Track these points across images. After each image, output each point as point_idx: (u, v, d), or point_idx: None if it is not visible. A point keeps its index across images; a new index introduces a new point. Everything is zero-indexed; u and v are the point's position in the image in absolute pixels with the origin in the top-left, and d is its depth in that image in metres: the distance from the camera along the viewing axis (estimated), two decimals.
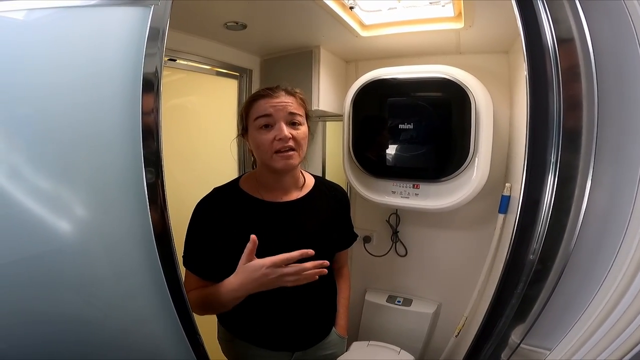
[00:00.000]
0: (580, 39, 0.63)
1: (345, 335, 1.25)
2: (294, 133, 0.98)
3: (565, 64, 0.64)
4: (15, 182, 0.71)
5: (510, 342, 0.76)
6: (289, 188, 1.09)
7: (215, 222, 1.02)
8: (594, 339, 0.63)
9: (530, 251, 0.71)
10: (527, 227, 0.72)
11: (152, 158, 0.72)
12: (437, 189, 1.65)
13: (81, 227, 0.75)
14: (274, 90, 1.00)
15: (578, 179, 0.66)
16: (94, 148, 0.74)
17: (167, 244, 0.76)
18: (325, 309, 1.21)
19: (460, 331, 1.85)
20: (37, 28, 0.75)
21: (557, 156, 0.66)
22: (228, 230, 1.01)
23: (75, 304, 0.78)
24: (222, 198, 1.05)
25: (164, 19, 0.75)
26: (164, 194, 0.74)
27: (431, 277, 2.06)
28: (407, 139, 1.66)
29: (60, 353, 0.79)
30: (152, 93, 0.72)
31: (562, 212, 0.67)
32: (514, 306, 0.73)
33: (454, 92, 1.54)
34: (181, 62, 1.66)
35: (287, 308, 1.09)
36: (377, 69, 1.73)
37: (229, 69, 1.91)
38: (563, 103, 0.65)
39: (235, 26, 1.53)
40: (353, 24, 1.57)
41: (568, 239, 0.67)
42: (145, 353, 0.84)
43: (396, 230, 2.06)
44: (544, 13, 0.66)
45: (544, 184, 0.69)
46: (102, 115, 0.74)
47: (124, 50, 0.74)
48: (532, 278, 0.71)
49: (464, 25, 1.47)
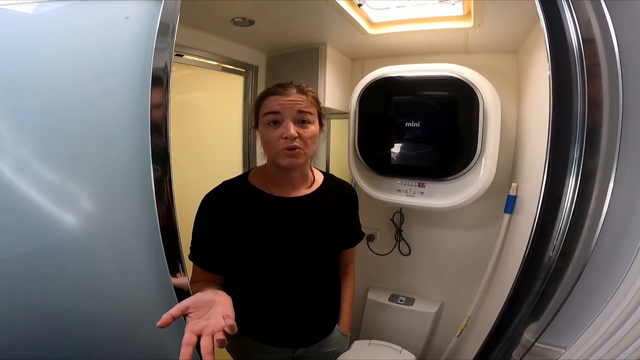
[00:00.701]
0: (604, 39, 0.63)
1: (348, 333, 1.25)
2: (301, 132, 0.97)
3: (590, 63, 0.64)
4: (22, 175, 0.71)
5: (524, 341, 0.75)
6: (297, 184, 1.09)
7: (223, 215, 1.02)
8: (614, 338, 0.62)
9: (550, 247, 0.71)
10: (548, 223, 0.72)
11: (160, 153, 0.72)
12: (443, 188, 1.65)
13: (87, 221, 0.75)
14: (286, 87, 0.99)
15: (600, 177, 0.65)
16: (101, 142, 0.74)
17: (173, 239, 0.76)
18: (329, 307, 1.21)
19: (462, 331, 1.85)
20: (48, 21, 0.75)
21: (580, 153, 0.66)
22: (235, 224, 1.01)
23: (80, 298, 0.78)
24: (231, 191, 1.05)
25: (175, 14, 0.74)
26: (171, 189, 0.74)
27: (434, 276, 2.06)
28: (413, 138, 1.66)
29: (64, 347, 0.79)
30: (162, 88, 0.72)
31: (584, 208, 0.67)
32: (531, 304, 0.73)
33: (461, 91, 1.53)
34: (188, 57, 1.66)
35: (291, 305, 1.09)
36: (383, 67, 1.72)
37: (236, 65, 1.90)
38: (587, 102, 0.64)
39: (242, 22, 1.52)
40: (361, 21, 1.56)
41: (589, 236, 0.66)
42: (149, 347, 0.84)
43: (400, 229, 2.06)
44: (568, 12, 0.65)
45: (565, 180, 0.69)
46: (111, 109, 0.74)
47: (133, 44, 0.74)
48: (551, 275, 0.70)
49: (474, 24, 1.46)
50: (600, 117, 0.64)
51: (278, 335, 1.12)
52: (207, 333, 0.67)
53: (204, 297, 0.77)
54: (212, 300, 0.78)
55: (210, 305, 0.76)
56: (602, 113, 0.64)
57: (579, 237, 0.67)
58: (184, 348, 0.65)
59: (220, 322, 0.70)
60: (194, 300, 0.75)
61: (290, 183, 1.07)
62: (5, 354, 0.75)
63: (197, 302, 0.75)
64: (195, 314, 0.73)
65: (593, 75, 0.64)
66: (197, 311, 0.74)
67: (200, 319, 0.72)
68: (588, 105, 0.64)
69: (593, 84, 0.64)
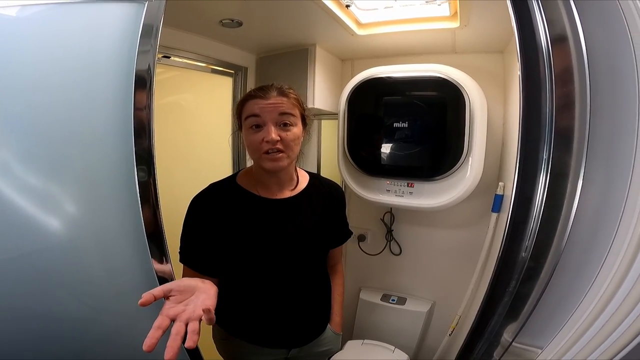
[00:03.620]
0: (574, 39, 0.64)
1: (340, 331, 1.26)
2: (283, 135, 0.97)
3: (559, 64, 0.64)
4: (4, 178, 0.71)
5: (503, 341, 0.76)
6: (283, 185, 1.09)
7: (211, 217, 1.01)
8: (585, 338, 0.63)
9: (523, 248, 0.71)
10: (519, 224, 0.73)
11: (144, 156, 0.72)
12: (431, 188, 1.66)
13: (72, 225, 0.74)
14: (266, 90, 0.99)
15: (570, 177, 0.66)
16: (85, 145, 0.73)
17: (159, 242, 0.76)
18: (321, 306, 1.21)
19: (454, 330, 1.86)
20: (30, 24, 0.74)
21: (550, 153, 0.67)
22: (224, 225, 1.01)
23: (67, 301, 0.77)
24: (219, 193, 1.05)
25: (158, 16, 0.74)
26: (156, 192, 0.73)
27: (425, 275, 2.07)
28: (402, 138, 1.67)
29: (52, 351, 0.79)
30: (145, 90, 0.72)
31: (554, 209, 0.67)
32: (506, 304, 0.73)
33: (449, 92, 1.54)
34: (176, 59, 1.65)
35: (283, 305, 1.09)
36: (372, 68, 1.73)
37: (224, 67, 1.90)
38: (555, 102, 0.65)
39: (231, 23, 1.52)
40: (349, 22, 1.57)
41: (560, 236, 0.67)
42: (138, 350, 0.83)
43: (390, 228, 2.06)
44: (538, 13, 0.66)
45: (536, 181, 0.69)
46: (94, 112, 0.73)
47: (116, 46, 0.73)
48: (524, 275, 0.71)
49: (460, 24, 1.47)
50: (572, 118, 0.64)
51: (271, 336, 1.12)
52: (182, 319, 0.66)
53: (189, 282, 0.76)
54: (196, 287, 0.76)
55: (193, 292, 0.75)
56: (573, 113, 0.64)
57: (551, 237, 0.68)
58: (152, 330, 0.63)
59: (197, 310, 0.68)
60: (178, 284, 0.73)
61: (277, 184, 1.08)
62: None
63: (180, 285, 0.73)
64: (175, 298, 0.71)
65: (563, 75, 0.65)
66: (179, 295, 0.72)
67: (179, 304, 0.70)
68: (556, 105, 0.65)
69: (563, 85, 0.65)
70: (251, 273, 1.06)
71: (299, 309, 1.12)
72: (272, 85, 1.01)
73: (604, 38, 0.62)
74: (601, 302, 0.62)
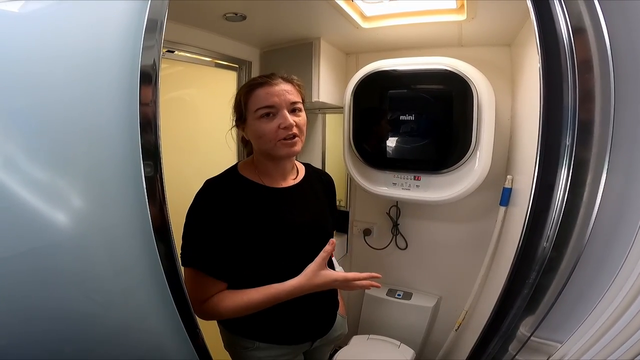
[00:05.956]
0: (595, 30, 0.62)
1: (345, 315, 1.28)
2: (297, 120, 0.97)
3: (580, 55, 0.63)
4: (11, 175, 0.70)
5: (520, 335, 0.74)
6: (286, 174, 1.09)
7: (224, 212, 0.97)
8: (610, 334, 0.61)
9: (544, 238, 0.69)
10: (541, 212, 0.70)
11: (150, 151, 0.71)
12: (439, 181, 1.65)
13: (78, 222, 0.74)
14: (272, 77, 0.98)
15: (593, 165, 0.64)
16: (91, 141, 0.73)
17: (167, 238, 0.75)
18: (332, 293, 1.20)
19: (460, 325, 1.86)
20: (34, 20, 0.74)
21: (573, 141, 0.65)
22: (234, 218, 0.97)
23: (74, 299, 0.77)
24: (225, 186, 1.02)
25: (162, 11, 0.73)
26: (163, 187, 0.73)
27: (431, 270, 2.06)
28: (408, 131, 1.66)
29: (59, 350, 0.79)
30: (150, 86, 0.71)
31: (577, 197, 0.65)
32: (526, 297, 0.72)
33: (456, 84, 1.53)
34: (180, 53, 1.64)
35: (305, 300, 1.02)
36: (378, 61, 1.72)
37: (228, 61, 1.89)
38: (578, 94, 0.63)
39: (234, 17, 1.51)
40: (354, 15, 1.55)
41: (583, 225, 0.65)
42: (146, 347, 0.84)
43: (397, 222, 2.06)
44: (557, 4, 0.64)
45: (558, 169, 0.67)
46: (100, 108, 0.73)
47: (121, 42, 0.73)
48: (545, 267, 0.69)
49: (467, 17, 1.45)
50: (593, 108, 0.63)
51: (299, 332, 1.10)
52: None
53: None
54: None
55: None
56: (594, 103, 0.63)
57: (573, 226, 0.66)
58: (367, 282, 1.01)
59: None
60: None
61: (281, 174, 1.07)
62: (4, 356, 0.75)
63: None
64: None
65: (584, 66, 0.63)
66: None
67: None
68: (579, 95, 0.63)
69: (584, 76, 0.63)
70: (270, 267, 1.01)
71: (319, 298, 1.07)
72: (275, 74, 1.01)
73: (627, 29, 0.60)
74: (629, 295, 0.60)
